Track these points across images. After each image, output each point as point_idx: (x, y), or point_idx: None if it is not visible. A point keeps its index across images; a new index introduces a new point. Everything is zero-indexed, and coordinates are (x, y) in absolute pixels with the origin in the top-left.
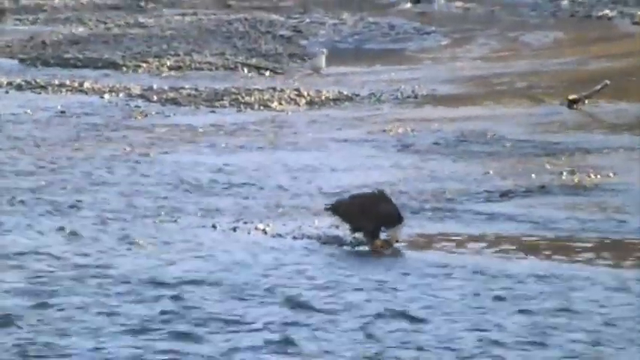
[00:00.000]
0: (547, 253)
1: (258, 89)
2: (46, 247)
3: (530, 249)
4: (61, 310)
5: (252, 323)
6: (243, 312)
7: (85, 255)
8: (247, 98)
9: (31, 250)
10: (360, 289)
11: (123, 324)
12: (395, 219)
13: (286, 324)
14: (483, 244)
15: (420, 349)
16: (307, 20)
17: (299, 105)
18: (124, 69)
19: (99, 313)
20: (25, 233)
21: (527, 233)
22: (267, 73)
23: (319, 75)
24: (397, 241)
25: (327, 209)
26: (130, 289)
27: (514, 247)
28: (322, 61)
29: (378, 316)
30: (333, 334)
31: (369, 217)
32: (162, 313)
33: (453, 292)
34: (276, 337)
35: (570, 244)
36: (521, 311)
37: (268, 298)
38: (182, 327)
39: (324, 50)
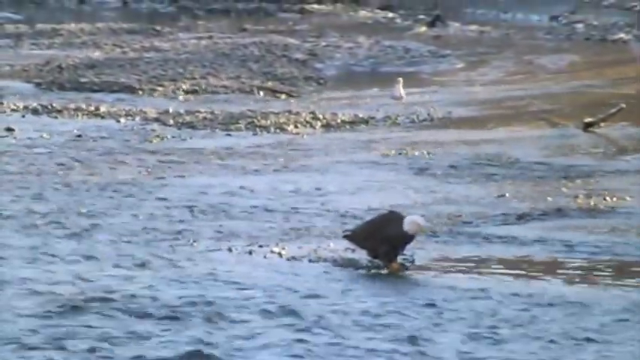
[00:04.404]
0: (564, 275)
1: (273, 112)
2: (58, 272)
3: (547, 272)
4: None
5: (268, 347)
6: (262, 332)
7: (101, 278)
8: (263, 121)
9: (43, 276)
10: (374, 314)
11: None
12: (408, 238)
13: (300, 345)
14: (500, 267)
15: None
16: (323, 44)
17: (315, 128)
18: (140, 93)
19: (124, 341)
20: (38, 257)
21: (544, 256)
22: (283, 96)
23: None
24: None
25: (344, 237)
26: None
27: (531, 270)
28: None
29: (390, 340)
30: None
31: (381, 239)
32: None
33: (462, 314)
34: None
35: (587, 267)
36: (530, 336)
37: (282, 319)
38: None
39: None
